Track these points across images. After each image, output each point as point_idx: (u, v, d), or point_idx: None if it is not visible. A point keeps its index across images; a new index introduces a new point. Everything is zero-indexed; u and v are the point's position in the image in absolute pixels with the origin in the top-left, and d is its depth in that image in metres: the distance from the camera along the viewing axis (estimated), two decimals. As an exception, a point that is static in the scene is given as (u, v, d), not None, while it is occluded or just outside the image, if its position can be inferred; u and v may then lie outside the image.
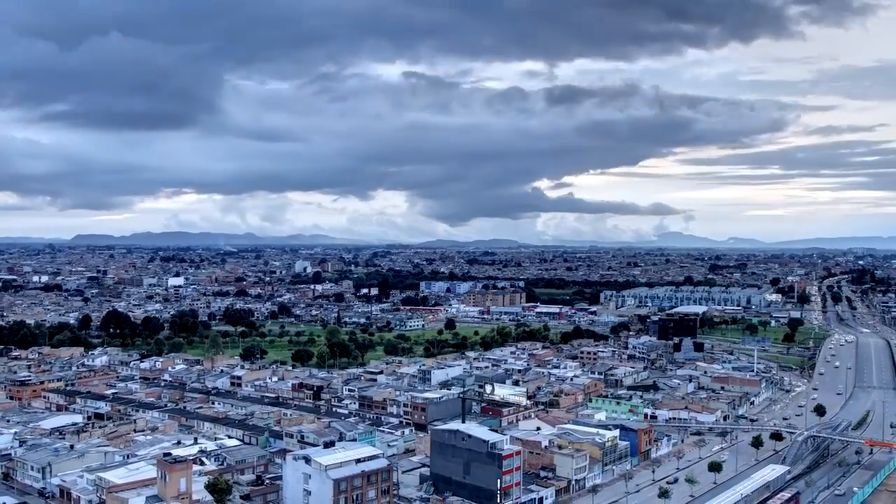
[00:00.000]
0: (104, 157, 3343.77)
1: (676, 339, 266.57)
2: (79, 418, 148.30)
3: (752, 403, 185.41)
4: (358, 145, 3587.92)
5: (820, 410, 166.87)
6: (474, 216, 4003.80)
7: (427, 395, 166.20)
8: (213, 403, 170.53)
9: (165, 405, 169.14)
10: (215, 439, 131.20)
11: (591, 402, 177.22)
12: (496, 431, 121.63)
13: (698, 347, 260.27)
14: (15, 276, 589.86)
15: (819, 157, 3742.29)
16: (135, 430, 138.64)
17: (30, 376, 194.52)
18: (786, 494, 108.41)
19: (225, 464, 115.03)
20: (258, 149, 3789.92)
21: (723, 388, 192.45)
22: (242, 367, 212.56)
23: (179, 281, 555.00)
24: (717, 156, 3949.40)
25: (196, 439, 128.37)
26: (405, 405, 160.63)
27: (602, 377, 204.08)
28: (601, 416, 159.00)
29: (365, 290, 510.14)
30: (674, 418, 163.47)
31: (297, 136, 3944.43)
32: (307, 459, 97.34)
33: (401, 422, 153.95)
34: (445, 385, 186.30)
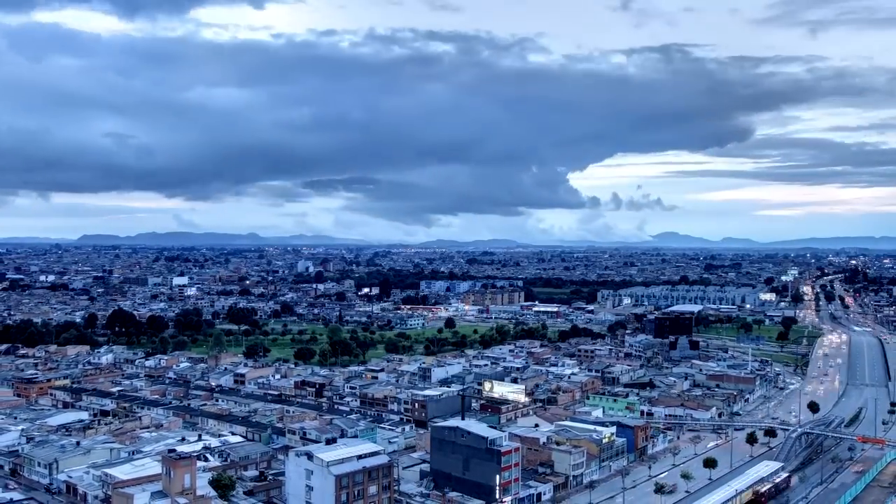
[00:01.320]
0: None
1: (672, 338, 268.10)
2: (85, 415, 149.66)
3: (746, 401, 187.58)
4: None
5: (813, 407, 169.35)
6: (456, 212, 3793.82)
7: (427, 392, 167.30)
8: (216, 401, 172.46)
9: (170, 402, 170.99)
10: (219, 436, 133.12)
11: (588, 399, 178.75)
12: (495, 428, 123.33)
13: (694, 346, 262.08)
14: (22, 276, 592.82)
15: (814, 156, 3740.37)
16: (140, 427, 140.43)
17: (37, 374, 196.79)
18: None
19: (228, 460, 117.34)
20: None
21: (718, 385, 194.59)
22: (246, 364, 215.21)
23: (184, 280, 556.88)
24: (715, 154, 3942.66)
25: (200, 436, 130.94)
26: (406, 402, 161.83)
27: (599, 375, 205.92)
28: (598, 413, 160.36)
29: (366, 290, 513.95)
30: (670, 415, 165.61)
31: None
32: (309, 456, 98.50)
33: (401, 419, 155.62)
34: (445, 383, 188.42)
